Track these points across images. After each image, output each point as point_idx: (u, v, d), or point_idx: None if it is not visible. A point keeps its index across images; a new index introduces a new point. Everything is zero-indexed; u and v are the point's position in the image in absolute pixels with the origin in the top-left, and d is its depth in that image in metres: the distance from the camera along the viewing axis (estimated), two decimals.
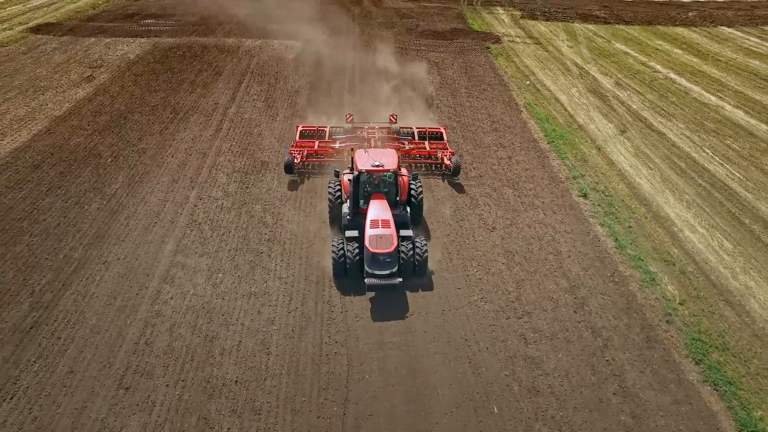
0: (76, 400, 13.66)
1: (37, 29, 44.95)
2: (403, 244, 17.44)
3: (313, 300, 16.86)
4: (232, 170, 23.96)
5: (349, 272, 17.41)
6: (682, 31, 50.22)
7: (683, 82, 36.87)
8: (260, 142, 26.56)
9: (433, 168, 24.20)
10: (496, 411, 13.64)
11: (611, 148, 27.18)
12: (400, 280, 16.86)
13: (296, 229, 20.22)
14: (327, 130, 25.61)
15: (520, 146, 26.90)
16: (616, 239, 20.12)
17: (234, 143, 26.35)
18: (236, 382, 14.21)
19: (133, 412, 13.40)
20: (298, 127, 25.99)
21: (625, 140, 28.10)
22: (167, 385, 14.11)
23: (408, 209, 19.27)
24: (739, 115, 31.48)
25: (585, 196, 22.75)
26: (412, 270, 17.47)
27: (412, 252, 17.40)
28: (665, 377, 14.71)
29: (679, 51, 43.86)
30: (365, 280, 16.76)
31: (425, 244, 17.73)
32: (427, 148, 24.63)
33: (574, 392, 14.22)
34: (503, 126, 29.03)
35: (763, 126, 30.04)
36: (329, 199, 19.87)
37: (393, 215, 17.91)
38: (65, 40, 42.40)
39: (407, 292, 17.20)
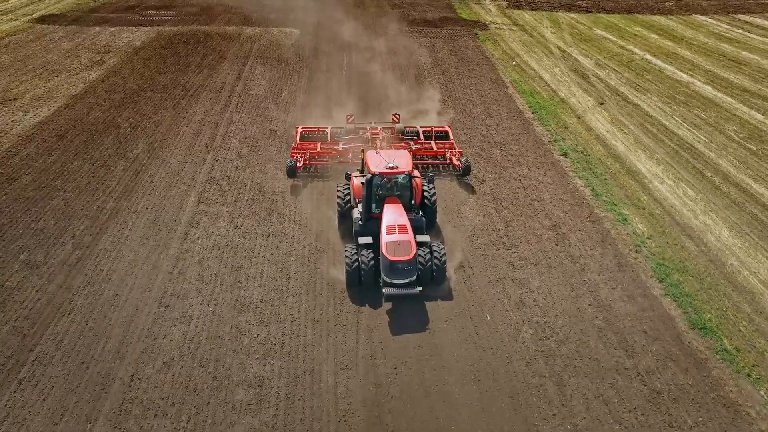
0: (124, 315, 15.71)
1: (42, 20, 46.64)
2: (419, 250, 16.44)
3: (326, 237, 19.02)
4: (243, 137, 26.06)
5: (364, 281, 16.46)
6: (659, 19, 52.99)
7: (658, 62, 39.48)
8: (267, 114, 28.67)
9: (441, 168, 23.44)
10: (488, 318, 15.89)
11: (590, 117, 29.62)
12: (420, 289, 15.93)
13: (307, 182, 22.35)
14: (328, 131, 24.77)
15: (507, 116, 29.27)
16: (593, 189, 22.51)
17: (243, 115, 28.43)
18: (262, 300, 16.34)
19: (173, 324, 15.46)
20: (297, 128, 24.99)
21: (603, 111, 30.57)
22: (201, 304, 16.19)
23: (420, 212, 18.43)
24: (708, 90, 34.09)
25: (565, 155, 25.15)
26: (430, 277, 16.55)
27: (429, 258, 16.52)
28: (633, 292, 17.05)
29: (656, 36, 46.56)
30: (383, 290, 15.83)
31: (443, 250, 16.87)
32: (434, 148, 23.89)
33: (555, 304, 16.51)
34: (491, 99, 31.40)
35: (728, 99, 32.64)
36: (338, 203, 19.02)
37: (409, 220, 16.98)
38: (71, 29, 44.14)
39: None
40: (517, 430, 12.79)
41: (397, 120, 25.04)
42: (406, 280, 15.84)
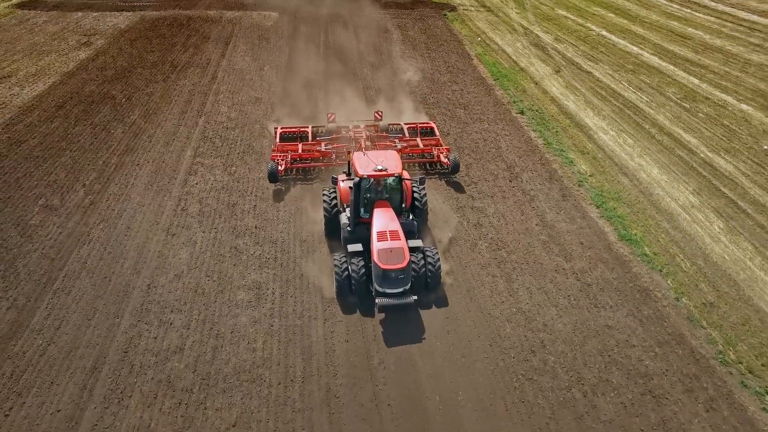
0: (137, 242, 18.16)
1: (23, 5, 47.87)
2: (412, 255, 15.72)
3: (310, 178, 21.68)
4: (231, 103, 28.44)
5: (355, 291, 15.76)
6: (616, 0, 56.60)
7: (612, 37, 42.80)
8: (252, 84, 31.06)
9: (428, 167, 22.81)
10: (451, 236, 18.74)
11: (547, 83, 32.70)
12: (415, 298, 15.30)
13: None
14: (309, 130, 24.05)
15: (471, 83, 32.17)
16: (545, 139, 25.55)
17: (230, 86, 30.76)
18: (256, 227, 18.96)
19: (180, 247, 17.99)
20: (276, 129, 24.16)
21: (559, 78, 33.69)
22: (203, 232, 18.72)
23: (411, 216, 17.73)
24: (654, 60, 37.49)
25: (522, 113, 28.17)
26: (424, 284, 15.94)
27: (423, 264, 15.87)
28: (574, 215, 20.10)
29: (613, 15, 49.94)
30: (376, 301, 15.16)
31: (437, 254, 16.24)
32: (420, 146, 23.13)
33: (507, 225, 19.46)
34: (456, 69, 34.27)
35: (671, 67, 36.06)
36: (325, 208, 18.00)
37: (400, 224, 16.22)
38: (54, 14, 45.57)
39: None
40: (472, 313, 15.68)
41: (380, 117, 24.59)
42: (400, 289, 15.14)
